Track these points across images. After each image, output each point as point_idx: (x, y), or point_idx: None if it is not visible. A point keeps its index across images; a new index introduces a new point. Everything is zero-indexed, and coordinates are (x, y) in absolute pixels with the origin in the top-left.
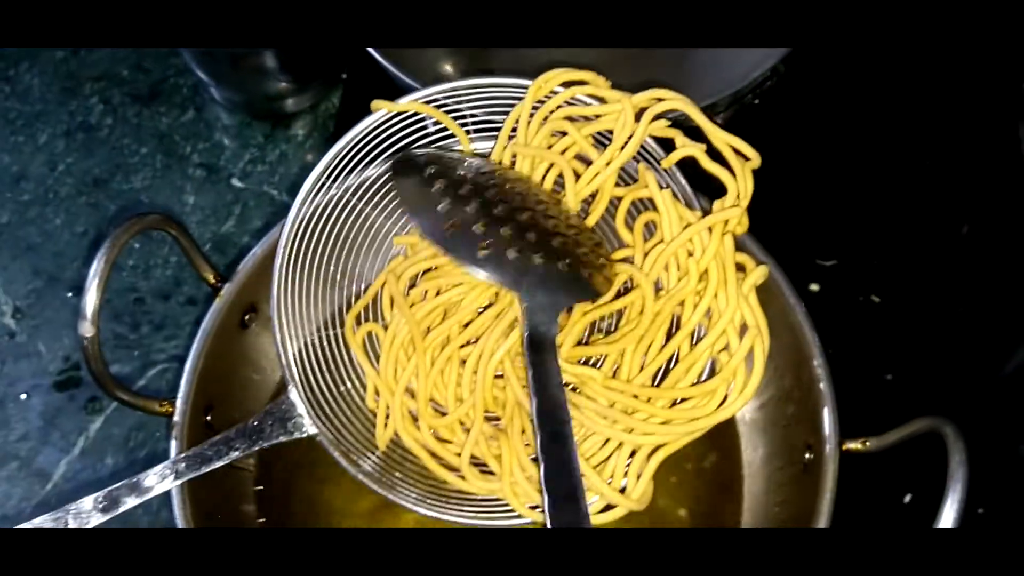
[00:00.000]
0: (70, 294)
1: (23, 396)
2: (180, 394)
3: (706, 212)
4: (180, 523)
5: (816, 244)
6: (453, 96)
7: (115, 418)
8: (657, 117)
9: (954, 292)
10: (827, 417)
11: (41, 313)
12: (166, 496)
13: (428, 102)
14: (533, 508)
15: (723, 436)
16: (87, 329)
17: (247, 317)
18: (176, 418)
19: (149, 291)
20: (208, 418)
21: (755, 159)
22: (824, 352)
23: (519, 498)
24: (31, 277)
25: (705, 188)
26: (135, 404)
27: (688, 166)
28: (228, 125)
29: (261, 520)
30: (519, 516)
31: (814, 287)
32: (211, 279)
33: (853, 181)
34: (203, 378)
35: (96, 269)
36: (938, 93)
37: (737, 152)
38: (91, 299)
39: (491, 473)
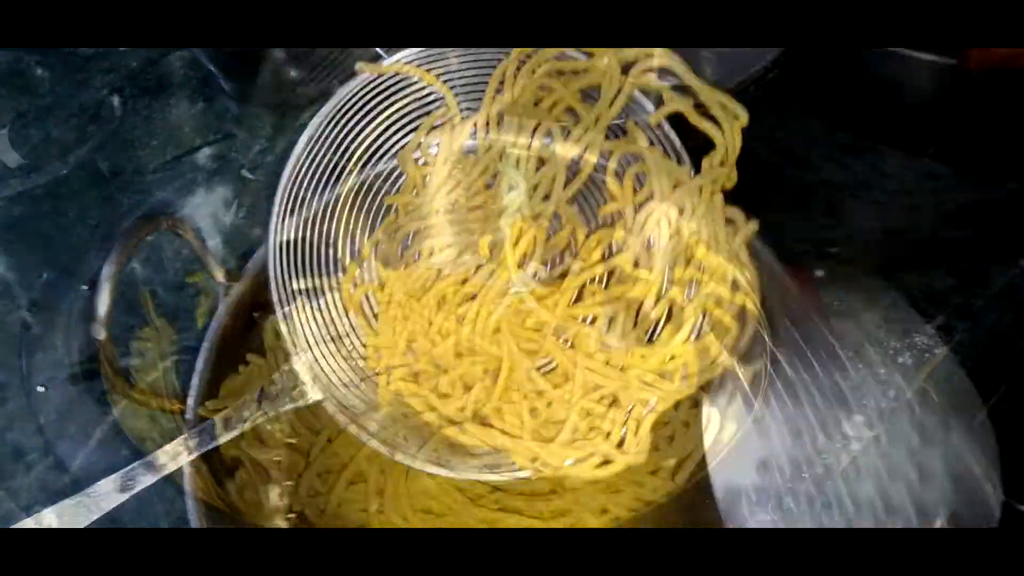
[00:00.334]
0: (84, 286)
1: (40, 388)
2: (191, 393)
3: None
4: (193, 522)
5: (819, 233)
6: (440, 57)
7: (130, 409)
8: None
9: (959, 282)
10: None
11: (56, 306)
12: None
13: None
14: (533, 461)
15: None
16: (99, 332)
17: (256, 315)
18: (188, 416)
19: (161, 283)
20: None
21: (743, 117)
22: None
23: (519, 451)
24: (46, 270)
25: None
26: (148, 403)
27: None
28: (237, 116)
29: (291, 515)
30: (520, 469)
31: (819, 274)
32: (220, 277)
33: (857, 171)
34: (213, 376)
35: (106, 273)
36: (943, 84)
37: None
38: (102, 303)
39: (491, 427)
